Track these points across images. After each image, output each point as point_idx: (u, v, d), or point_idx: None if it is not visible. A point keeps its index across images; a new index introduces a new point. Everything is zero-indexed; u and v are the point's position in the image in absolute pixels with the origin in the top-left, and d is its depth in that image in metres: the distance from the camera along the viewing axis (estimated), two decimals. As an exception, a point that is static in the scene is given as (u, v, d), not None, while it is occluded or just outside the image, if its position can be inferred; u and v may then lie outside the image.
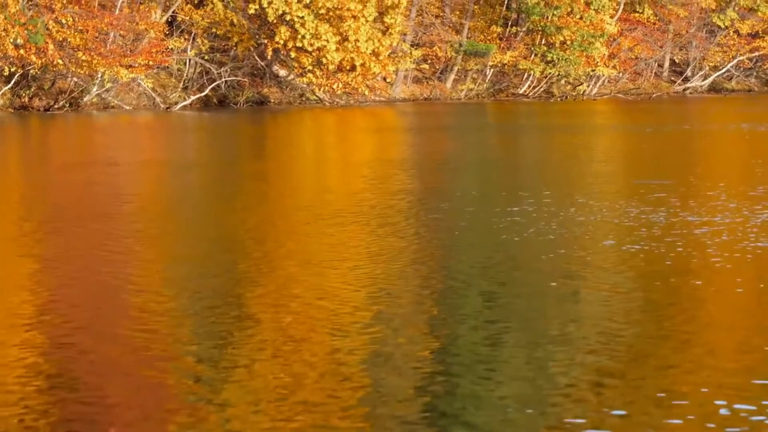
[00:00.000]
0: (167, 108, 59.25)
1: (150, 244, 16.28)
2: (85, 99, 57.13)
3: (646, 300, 12.01)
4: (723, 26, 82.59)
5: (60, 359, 9.72)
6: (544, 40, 73.35)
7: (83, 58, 55.12)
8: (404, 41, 68.26)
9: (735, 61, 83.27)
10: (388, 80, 67.73)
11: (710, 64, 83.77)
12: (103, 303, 12.06)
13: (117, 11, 57.68)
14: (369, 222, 17.80)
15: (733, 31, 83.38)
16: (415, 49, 69.89)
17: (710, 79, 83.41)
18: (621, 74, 79.16)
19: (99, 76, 56.45)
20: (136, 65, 56.95)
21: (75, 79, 56.62)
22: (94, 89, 57.12)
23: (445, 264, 14.23)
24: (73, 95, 56.93)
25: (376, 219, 18.21)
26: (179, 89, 61.18)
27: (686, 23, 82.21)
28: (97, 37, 56.20)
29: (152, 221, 18.86)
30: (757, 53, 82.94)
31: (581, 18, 73.01)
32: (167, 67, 60.63)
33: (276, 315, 11.21)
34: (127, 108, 57.95)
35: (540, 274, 13.42)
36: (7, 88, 55.31)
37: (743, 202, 19.62)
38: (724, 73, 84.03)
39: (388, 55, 62.93)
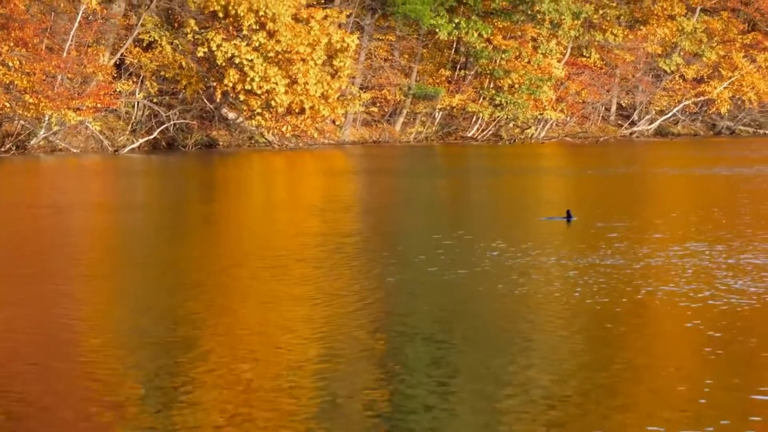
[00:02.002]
0: (115, 151, 59.01)
1: (97, 284, 16.17)
2: (32, 142, 56.79)
3: (593, 342, 12.05)
4: (669, 71, 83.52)
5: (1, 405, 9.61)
6: (492, 83, 73.83)
7: (30, 100, 54.84)
8: (353, 84, 68.47)
9: (681, 105, 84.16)
10: (337, 123, 67.85)
11: (656, 108, 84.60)
12: (50, 342, 11.94)
13: (65, 54, 57.49)
14: (319, 264, 17.80)
15: (679, 76, 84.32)
16: (364, 92, 70.11)
17: (656, 123, 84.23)
18: (568, 118, 79.75)
19: (46, 119, 56.16)
20: (84, 108, 56.72)
21: (22, 122, 56.29)
22: (42, 132, 56.82)
23: (393, 306, 14.24)
24: (19, 138, 56.58)
25: (326, 262, 18.21)
26: (127, 132, 60.97)
27: (633, 68, 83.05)
28: (44, 80, 55.96)
29: (99, 263, 18.74)
30: (702, 98, 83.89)
31: (529, 62, 73.59)
32: (115, 109, 60.44)
33: (225, 354, 11.15)
34: (75, 151, 57.66)
35: (488, 317, 13.45)
36: (-48, 130, 54.92)
37: (687, 243, 19.80)
38: (670, 117, 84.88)
39: (337, 98, 63.08)
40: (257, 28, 59.32)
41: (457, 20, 70.65)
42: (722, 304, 13.97)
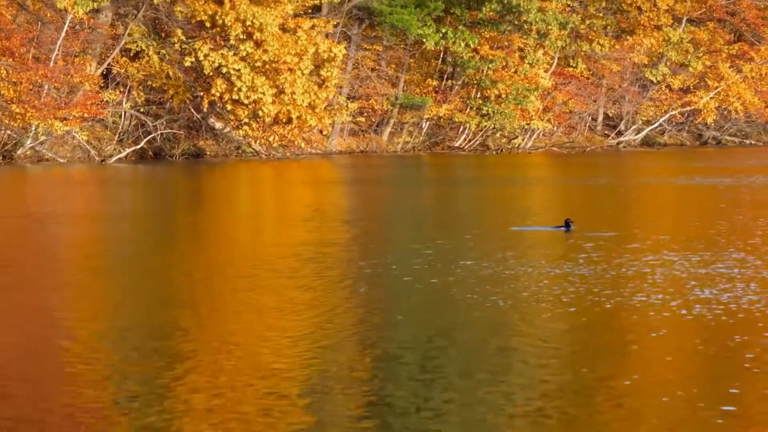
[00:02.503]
0: (102, 161, 59.04)
1: (78, 294, 16.25)
2: (18, 152, 56.81)
3: (569, 353, 12.17)
4: (655, 81, 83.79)
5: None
6: (479, 93, 74.02)
7: (17, 110, 54.89)
8: (340, 94, 68.60)
9: (667, 115, 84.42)
10: (324, 133, 67.97)
11: (643, 118, 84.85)
12: (39, 352, 12.02)
13: (51, 64, 57.54)
14: (305, 275, 17.91)
15: (665, 86, 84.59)
16: (352, 101, 70.24)
17: (643, 133, 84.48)
18: (555, 128, 79.97)
19: (33, 128, 56.19)
20: (71, 118, 56.76)
21: (8, 131, 56.32)
22: (28, 142, 56.84)
23: (381, 317, 14.34)
24: (6, 148, 56.60)
25: (313, 272, 18.32)
26: (114, 142, 61.03)
27: (619, 78, 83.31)
28: (31, 90, 55.99)
29: (82, 272, 18.81)
30: (688, 108, 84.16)
31: (516, 72, 73.79)
32: (102, 119, 60.50)
33: (213, 364, 11.24)
34: (62, 161, 57.68)
35: (474, 327, 13.56)
36: (-61, 140, 54.93)
37: (664, 253, 19.93)
38: (657, 127, 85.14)
39: (325, 108, 63.19)
40: (244, 37, 59.43)
41: (444, 30, 70.83)
42: (692, 315, 14.11)
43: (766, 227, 25.10)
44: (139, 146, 60.67)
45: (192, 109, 61.53)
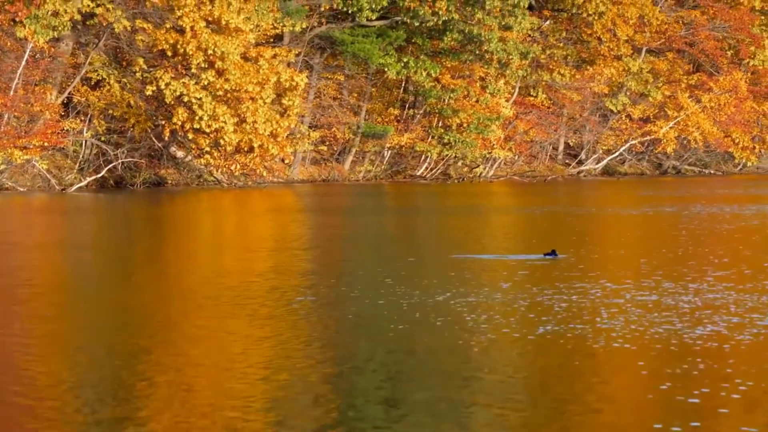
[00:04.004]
0: (63, 190, 58.81)
1: (37, 323, 16.18)
2: (-22, 180, 56.51)
3: (543, 383, 12.23)
4: (615, 110, 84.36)
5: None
6: (441, 122, 74.29)
7: (-23, 139, 54.63)
8: (302, 123, 68.68)
9: (627, 144, 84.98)
10: (286, 161, 67.99)
11: (603, 147, 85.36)
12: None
13: (11, 92, 57.32)
14: (265, 304, 17.91)
15: (626, 116, 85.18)
16: (314, 130, 70.33)
17: (603, 162, 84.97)
18: (517, 157, 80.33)
19: (-7, 157, 55.92)
20: (31, 147, 56.54)
21: (-32, 160, 56.03)
22: (-12, 171, 56.55)
23: (340, 346, 14.36)
24: (-34, 176, 56.29)
25: (272, 299, 18.33)
26: (75, 171, 60.81)
27: (580, 107, 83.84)
28: (-9, 118, 55.76)
29: (46, 303, 18.73)
30: (648, 137, 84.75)
31: (477, 101, 74.13)
32: (63, 148, 60.29)
33: (173, 390, 11.22)
34: (22, 190, 57.40)
35: (435, 355, 13.59)
36: None
37: (629, 281, 20.06)
38: (617, 156, 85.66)
39: (287, 137, 63.23)
40: (206, 66, 59.44)
41: (405, 59, 71.11)
42: (641, 343, 14.20)
43: (723, 256, 25.30)
44: (99, 175, 60.48)
45: (153, 138, 61.43)
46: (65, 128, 59.73)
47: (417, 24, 70.36)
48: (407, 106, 75.47)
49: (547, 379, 12.22)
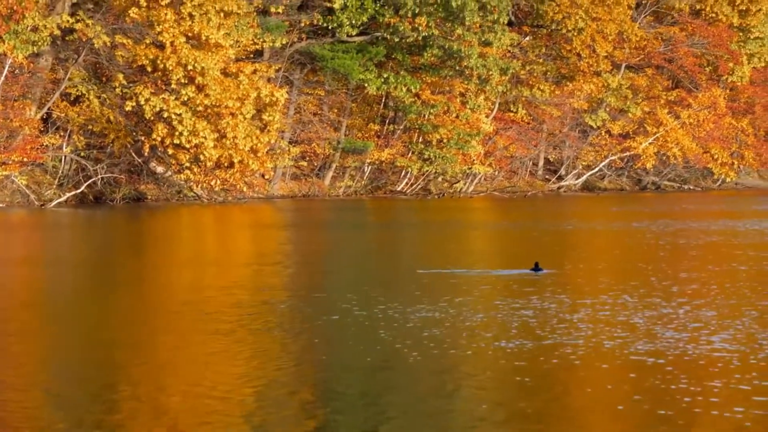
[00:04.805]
0: (42, 205, 58.65)
1: (14, 340, 16.13)
2: (-43, 196, 56.33)
3: (513, 402, 12.25)
4: (595, 126, 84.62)
5: None
6: (421, 138, 74.40)
7: (-45, 154, 54.47)
8: (282, 138, 68.69)
9: (607, 160, 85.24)
10: (266, 177, 67.98)
11: (583, 163, 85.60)
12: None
13: (-9, 107, 57.20)
14: (242, 319, 17.89)
15: (605, 132, 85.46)
16: (294, 146, 70.35)
17: (583, 178, 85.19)
18: (497, 172, 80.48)
19: (-28, 172, 55.76)
20: (10, 162, 56.40)
21: (-53, 175, 55.84)
22: (-33, 186, 56.39)
23: (319, 362, 14.35)
24: (-56, 192, 56.09)
25: (251, 315, 18.32)
26: (54, 186, 60.67)
27: (560, 123, 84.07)
28: (-30, 134, 55.61)
29: (18, 318, 18.67)
30: (628, 153, 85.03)
31: (457, 117, 74.27)
32: (42, 164, 60.15)
33: (151, 407, 11.19)
34: (0, 205, 57.21)
35: (413, 371, 13.59)
36: None
37: (604, 296, 20.12)
38: (597, 172, 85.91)
39: (267, 152, 63.22)
40: (186, 82, 59.42)
41: (385, 75, 71.23)
42: (604, 358, 14.24)
43: (699, 271, 25.39)
44: (79, 190, 60.35)
45: (133, 154, 61.34)
46: (44, 144, 59.60)
47: (397, 40, 70.52)
48: (387, 121, 75.56)
49: (521, 393, 12.24)
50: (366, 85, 70.87)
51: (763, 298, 20.59)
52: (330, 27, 69.99)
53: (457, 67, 72.47)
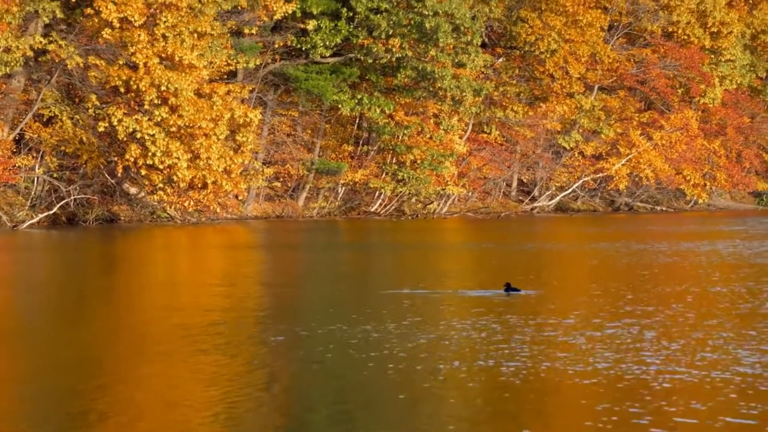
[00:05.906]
0: (14, 226, 58.44)
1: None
2: (-72, 216, 56.07)
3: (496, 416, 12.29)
4: (568, 147, 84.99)
5: None
6: (394, 158, 74.54)
7: (-73, 175, 54.24)
8: (256, 159, 68.70)
9: (580, 181, 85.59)
10: (240, 198, 67.94)
11: (556, 184, 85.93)
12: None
13: (-36, 128, 57.03)
14: (215, 339, 17.90)
15: (578, 153, 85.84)
16: (267, 167, 70.36)
17: (557, 199, 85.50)
18: (470, 193, 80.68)
19: (-57, 193, 55.55)
20: (-18, 183, 56.20)
21: None
22: (-61, 206, 56.14)
23: (291, 380, 14.37)
24: None
25: (222, 336, 18.32)
26: (27, 207, 60.47)
27: (533, 144, 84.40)
28: (-58, 154, 55.41)
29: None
30: (601, 174, 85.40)
31: (431, 138, 74.46)
32: (14, 185, 59.95)
33: (122, 429, 11.21)
34: (-27, 226, 57.02)
35: (383, 386, 13.63)
36: None
37: (572, 318, 20.20)
38: (570, 193, 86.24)
39: (240, 173, 63.21)
40: (159, 102, 59.39)
41: (359, 96, 71.39)
42: (565, 378, 14.31)
43: (671, 293, 25.53)
44: (52, 212, 60.18)
45: (106, 174, 61.23)
46: (17, 165, 59.43)
47: (371, 61, 70.71)
48: (361, 142, 75.70)
49: (498, 415, 12.29)
50: (340, 106, 71.02)
51: (707, 316, 20.73)
52: (304, 48, 70.12)
53: (431, 89, 72.70)
